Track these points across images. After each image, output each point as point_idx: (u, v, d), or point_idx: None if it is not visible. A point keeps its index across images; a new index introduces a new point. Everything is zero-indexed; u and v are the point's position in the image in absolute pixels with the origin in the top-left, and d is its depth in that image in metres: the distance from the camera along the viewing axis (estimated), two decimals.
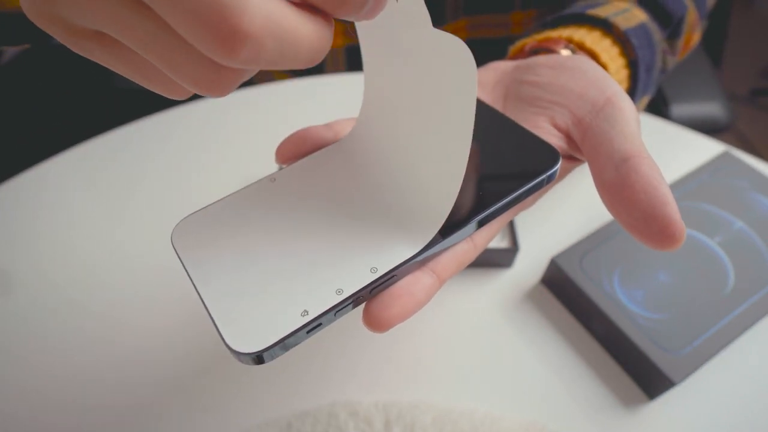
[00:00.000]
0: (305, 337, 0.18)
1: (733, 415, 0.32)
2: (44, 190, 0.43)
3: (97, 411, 0.32)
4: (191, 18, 0.12)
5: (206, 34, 0.12)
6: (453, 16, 0.53)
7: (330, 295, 0.19)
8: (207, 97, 0.21)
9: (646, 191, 0.19)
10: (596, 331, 0.35)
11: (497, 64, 0.29)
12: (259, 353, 0.17)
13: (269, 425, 0.31)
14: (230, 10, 0.12)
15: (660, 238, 0.18)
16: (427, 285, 0.19)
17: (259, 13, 0.12)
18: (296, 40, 0.13)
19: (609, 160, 0.20)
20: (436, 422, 0.31)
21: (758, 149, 1.38)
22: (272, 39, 0.13)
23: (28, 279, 0.37)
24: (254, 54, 0.12)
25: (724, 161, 0.41)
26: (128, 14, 0.13)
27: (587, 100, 0.23)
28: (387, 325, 0.18)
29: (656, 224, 0.18)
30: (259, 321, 0.18)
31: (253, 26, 0.12)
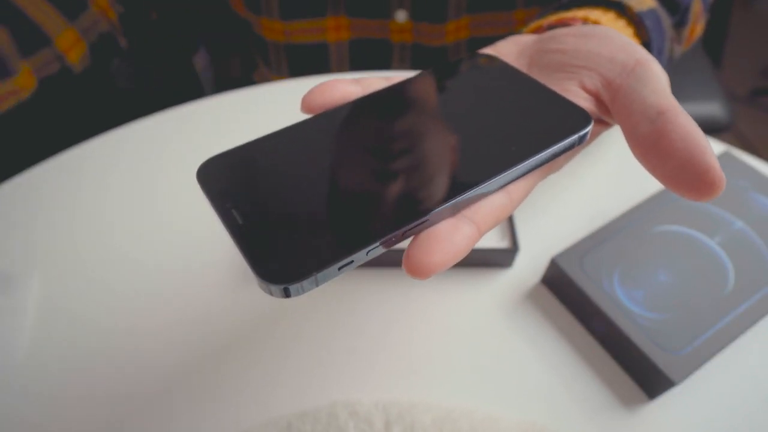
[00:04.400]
0: (336, 273, 0.18)
1: (733, 415, 0.32)
2: (44, 190, 0.43)
3: (96, 411, 0.32)
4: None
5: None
6: (456, 14, 0.53)
7: (362, 233, 0.19)
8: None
9: (684, 139, 0.18)
10: (596, 331, 0.35)
11: (518, 37, 0.28)
12: (288, 285, 0.17)
13: (269, 425, 0.31)
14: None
15: (699, 185, 0.18)
16: (467, 234, 0.19)
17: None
18: None
19: (643, 115, 0.20)
20: (436, 422, 0.31)
21: (758, 149, 1.38)
22: None
23: (27, 279, 0.37)
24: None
25: (724, 161, 0.41)
26: None
27: (617, 62, 0.23)
28: (428, 271, 0.18)
29: (695, 171, 0.18)
30: (289, 254, 0.18)
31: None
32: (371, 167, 0.21)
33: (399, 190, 0.20)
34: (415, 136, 0.22)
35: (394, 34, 0.54)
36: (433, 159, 0.21)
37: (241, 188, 0.21)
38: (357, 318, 0.36)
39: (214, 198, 0.20)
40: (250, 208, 0.20)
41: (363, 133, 0.23)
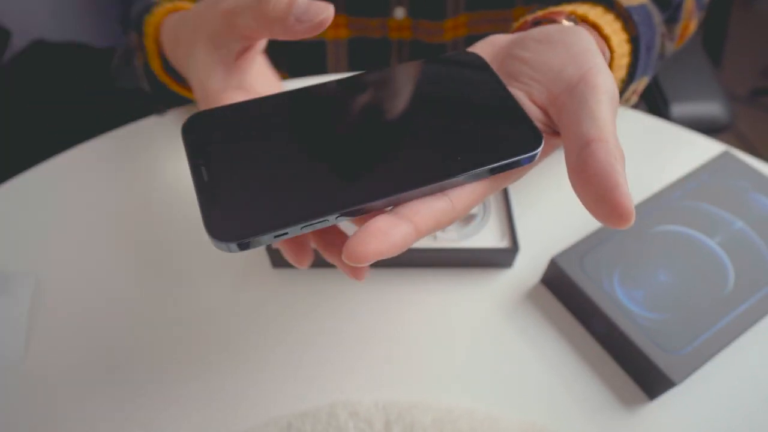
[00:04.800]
0: (272, 240, 0.21)
1: (733, 415, 0.32)
2: (44, 190, 0.43)
3: (96, 411, 0.32)
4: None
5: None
6: (453, 11, 0.53)
7: (301, 209, 0.21)
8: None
9: (599, 176, 0.20)
10: (596, 331, 0.35)
11: (495, 38, 0.29)
12: (238, 243, 0.20)
13: (269, 425, 0.31)
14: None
15: (611, 217, 0.20)
16: (403, 232, 0.20)
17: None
18: None
19: (574, 143, 0.22)
20: (436, 422, 0.31)
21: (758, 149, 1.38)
22: None
23: (27, 279, 0.37)
24: None
25: (724, 161, 0.41)
26: None
27: (563, 77, 0.24)
28: (362, 258, 0.19)
29: (607, 206, 0.20)
30: (238, 215, 0.20)
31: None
32: (324, 149, 0.23)
33: (342, 176, 0.22)
34: (371, 128, 0.24)
35: (393, 32, 0.55)
36: (380, 152, 0.23)
37: (214, 147, 0.23)
38: (357, 318, 0.36)
39: (190, 152, 0.22)
40: (218, 168, 0.22)
41: (329, 115, 0.24)
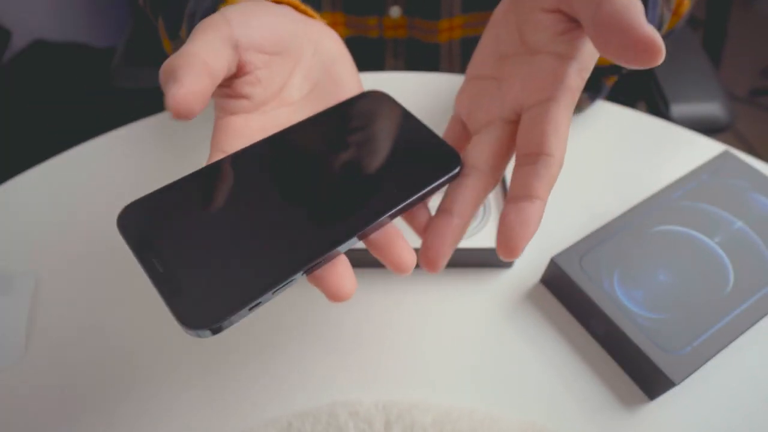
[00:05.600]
0: (247, 314, 0.21)
1: (733, 415, 0.32)
2: (44, 190, 0.43)
3: (96, 411, 0.32)
4: None
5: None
6: (449, 12, 0.53)
7: (269, 275, 0.21)
8: None
9: (618, 18, 0.20)
10: (596, 331, 0.35)
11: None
12: (213, 328, 0.20)
13: (269, 425, 0.31)
14: None
15: (640, 56, 0.20)
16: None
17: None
18: None
19: (588, 5, 0.22)
20: (436, 422, 0.31)
21: (758, 149, 1.38)
22: None
23: (27, 279, 0.37)
24: None
25: (724, 161, 0.41)
26: None
27: None
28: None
29: (633, 44, 0.20)
30: (206, 298, 0.20)
31: None
32: (269, 211, 0.23)
33: (297, 232, 0.23)
34: (307, 181, 0.25)
35: (388, 31, 0.55)
36: (322, 202, 0.24)
37: (158, 236, 0.22)
38: (357, 318, 0.36)
39: (135, 246, 0.22)
40: (169, 255, 0.21)
41: (265, 177, 0.25)
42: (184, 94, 0.21)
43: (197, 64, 0.22)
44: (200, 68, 0.22)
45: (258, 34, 0.26)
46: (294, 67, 0.28)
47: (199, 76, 0.22)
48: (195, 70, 0.22)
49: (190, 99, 0.21)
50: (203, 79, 0.22)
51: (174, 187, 0.24)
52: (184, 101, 0.21)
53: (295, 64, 0.28)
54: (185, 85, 0.21)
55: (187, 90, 0.21)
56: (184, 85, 0.21)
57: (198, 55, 0.23)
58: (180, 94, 0.21)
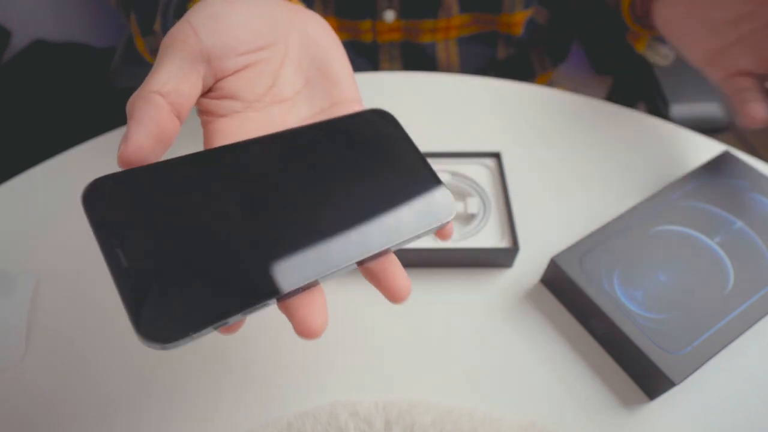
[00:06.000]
0: (211, 331, 0.19)
1: (733, 415, 0.32)
2: (44, 190, 0.43)
3: (95, 410, 0.32)
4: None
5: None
6: (445, 13, 0.53)
7: (244, 295, 0.19)
8: None
9: None
10: (596, 331, 0.35)
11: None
12: (166, 346, 0.18)
13: (269, 425, 0.31)
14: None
15: None
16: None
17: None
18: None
19: None
20: (436, 422, 0.31)
21: (758, 149, 1.38)
22: None
23: (27, 279, 0.37)
24: None
25: (724, 161, 0.41)
26: None
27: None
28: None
29: None
30: (169, 311, 0.18)
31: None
32: (252, 223, 0.21)
33: (278, 255, 0.21)
34: (295, 196, 0.22)
35: (383, 35, 0.55)
36: (307, 226, 0.22)
37: (130, 224, 0.19)
38: (357, 318, 0.36)
39: (98, 229, 0.19)
40: (137, 249, 0.19)
41: (249, 182, 0.22)
42: (130, 152, 0.20)
43: (150, 112, 0.21)
44: (153, 117, 0.21)
45: (231, 37, 0.24)
46: (283, 59, 0.27)
47: (150, 127, 0.21)
48: (146, 122, 0.21)
49: (136, 156, 0.20)
50: (154, 131, 0.21)
51: (154, 170, 0.21)
52: (130, 158, 0.20)
53: (283, 56, 0.26)
54: (131, 141, 0.20)
55: (133, 147, 0.20)
56: (130, 140, 0.20)
57: (155, 97, 0.21)
58: (126, 152, 0.20)
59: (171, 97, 0.22)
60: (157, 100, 0.21)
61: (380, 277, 0.22)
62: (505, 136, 0.46)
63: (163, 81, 0.22)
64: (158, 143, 0.21)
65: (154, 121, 0.21)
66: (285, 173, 0.23)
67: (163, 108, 0.21)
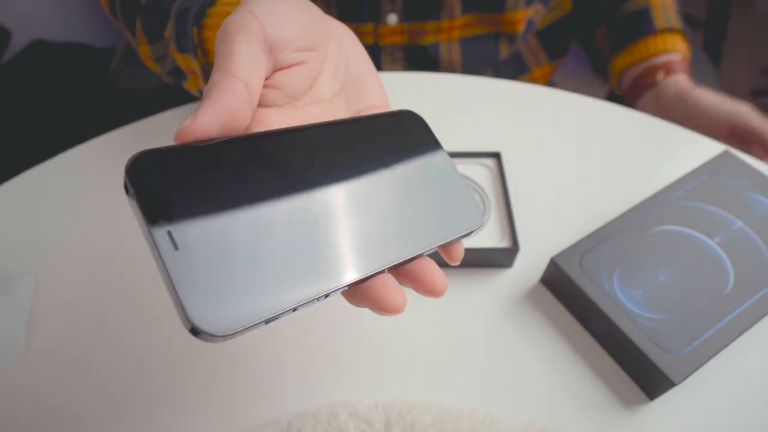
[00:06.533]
0: (264, 325, 0.18)
1: (733, 415, 0.32)
2: (44, 190, 0.43)
3: (95, 410, 0.32)
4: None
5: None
6: (449, 14, 0.53)
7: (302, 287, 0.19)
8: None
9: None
10: (596, 331, 0.35)
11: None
12: (223, 338, 0.16)
13: (269, 425, 0.31)
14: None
15: None
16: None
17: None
18: None
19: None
20: (436, 422, 0.31)
21: None
22: None
23: (27, 279, 0.37)
24: None
25: (724, 161, 0.41)
26: None
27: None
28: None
29: None
30: (226, 303, 0.17)
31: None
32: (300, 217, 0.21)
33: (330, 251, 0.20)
34: (338, 198, 0.22)
35: (385, 37, 0.55)
36: (351, 227, 0.22)
37: (177, 203, 0.18)
38: (357, 318, 0.36)
39: (145, 206, 0.17)
40: (190, 232, 0.17)
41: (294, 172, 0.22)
42: (195, 127, 0.19)
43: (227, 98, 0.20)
44: (228, 104, 0.20)
45: (290, 31, 0.24)
46: (323, 64, 0.27)
47: (221, 112, 0.20)
48: (219, 106, 0.20)
49: (197, 136, 0.20)
50: (225, 117, 0.20)
51: (205, 149, 0.20)
52: (189, 135, 0.19)
53: (324, 60, 0.27)
54: (198, 120, 0.20)
55: (199, 126, 0.20)
56: (198, 118, 0.20)
57: (237, 83, 0.21)
58: (190, 127, 0.19)
59: (249, 84, 0.22)
60: (237, 86, 0.21)
61: (419, 277, 0.23)
62: (505, 136, 0.46)
63: (242, 65, 0.22)
64: (224, 130, 0.20)
65: (228, 107, 0.20)
66: (332, 164, 0.23)
67: (241, 95, 0.21)
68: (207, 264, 0.17)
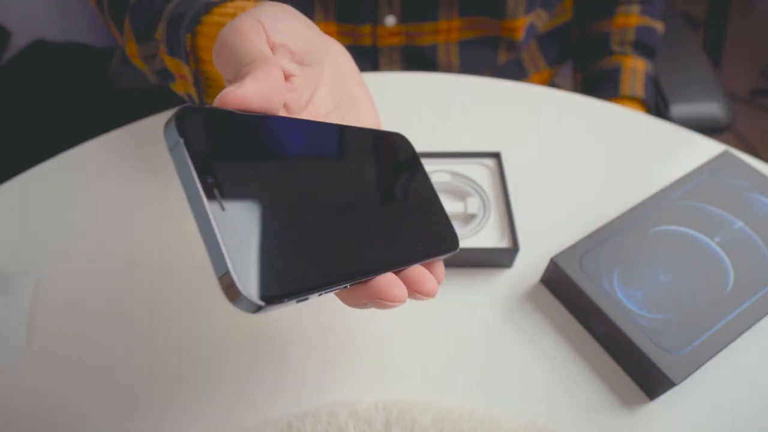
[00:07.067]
0: (295, 303, 0.18)
1: (733, 415, 0.32)
2: (44, 190, 0.43)
3: (95, 410, 0.32)
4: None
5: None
6: (447, 15, 0.53)
7: (319, 273, 0.19)
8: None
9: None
10: (596, 331, 0.35)
11: None
12: (267, 307, 0.16)
13: (269, 425, 0.31)
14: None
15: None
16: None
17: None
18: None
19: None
20: (436, 422, 0.31)
21: (758, 149, 1.38)
22: None
23: (27, 279, 0.37)
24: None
25: (724, 161, 0.41)
26: None
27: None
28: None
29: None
30: (269, 273, 0.17)
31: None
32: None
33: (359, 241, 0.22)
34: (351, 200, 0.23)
35: (383, 39, 0.55)
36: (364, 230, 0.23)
37: (229, 166, 0.17)
38: (357, 318, 0.36)
39: (196, 160, 0.17)
40: (235, 194, 0.17)
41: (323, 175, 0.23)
42: (238, 94, 0.20)
43: (271, 75, 0.21)
44: (272, 80, 0.21)
45: (293, 41, 0.25)
46: (319, 80, 0.27)
47: (266, 86, 0.21)
48: (264, 80, 0.21)
49: (240, 104, 0.20)
50: (267, 93, 0.21)
51: (247, 119, 0.20)
52: (233, 102, 0.20)
53: (320, 76, 0.27)
54: (243, 88, 0.20)
55: (244, 93, 0.20)
56: (243, 87, 0.20)
57: (275, 65, 0.22)
58: (234, 93, 0.20)
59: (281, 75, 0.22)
60: (275, 71, 0.22)
61: (411, 281, 0.24)
62: (505, 136, 0.46)
63: (272, 59, 0.22)
64: (262, 107, 0.21)
65: (271, 85, 0.21)
66: (352, 165, 0.24)
67: (278, 79, 0.22)
68: (250, 230, 0.17)
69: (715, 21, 1.11)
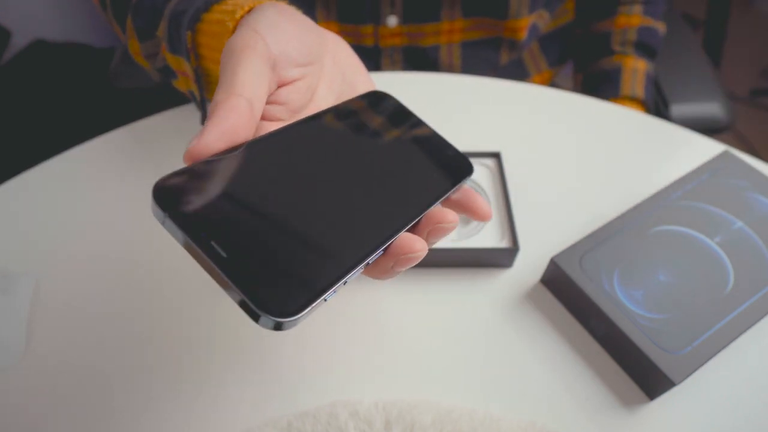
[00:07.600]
0: (321, 303, 0.19)
1: (733, 415, 0.32)
2: (44, 190, 0.43)
3: (95, 410, 0.32)
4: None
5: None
6: (448, 16, 0.53)
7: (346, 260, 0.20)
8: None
9: None
10: (596, 331, 0.35)
11: None
12: (295, 319, 0.18)
13: (269, 425, 0.31)
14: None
15: None
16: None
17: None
18: None
19: None
20: (436, 422, 0.31)
21: (758, 149, 1.38)
22: None
23: (27, 279, 0.37)
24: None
25: (724, 161, 0.41)
26: None
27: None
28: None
29: None
30: (286, 290, 0.18)
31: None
32: (320, 199, 0.22)
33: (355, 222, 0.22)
34: (343, 178, 0.24)
35: (385, 39, 0.55)
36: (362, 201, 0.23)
37: (212, 214, 0.19)
38: (357, 318, 0.36)
39: (185, 225, 0.19)
40: (229, 237, 0.19)
41: (305, 164, 0.23)
42: (201, 147, 0.21)
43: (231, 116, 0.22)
44: (232, 122, 0.21)
45: (292, 48, 0.25)
46: (320, 77, 0.28)
47: (225, 129, 0.21)
48: (223, 124, 0.21)
49: (204, 153, 0.21)
50: (228, 135, 0.21)
51: (217, 162, 0.21)
52: (198, 154, 0.21)
53: (321, 73, 0.28)
54: (203, 140, 0.21)
55: (204, 144, 0.21)
56: (202, 138, 0.21)
57: (240, 100, 0.22)
58: (197, 147, 0.21)
59: (253, 102, 0.23)
60: (241, 105, 0.22)
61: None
62: (505, 136, 0.46)
63: (245, 84, 0.23)
64: (228, 146, 0.22)
65: (231, 125, 0.21)
66: (332, 149, 0.25)
67: (244, 113, 0.22)
68: (255, 258, 0.19)
69: (715, 21, 1.11)
